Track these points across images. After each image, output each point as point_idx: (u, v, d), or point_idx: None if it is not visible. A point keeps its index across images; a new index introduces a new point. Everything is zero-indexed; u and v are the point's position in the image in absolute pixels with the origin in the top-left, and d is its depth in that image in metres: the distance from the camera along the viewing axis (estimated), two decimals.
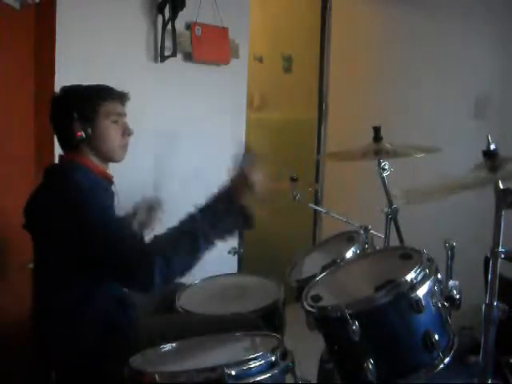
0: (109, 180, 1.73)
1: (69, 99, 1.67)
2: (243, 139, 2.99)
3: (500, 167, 1.33)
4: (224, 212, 1.54)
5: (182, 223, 1.53)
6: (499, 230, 1.26)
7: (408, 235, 2.12)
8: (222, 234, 1.55)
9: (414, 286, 1.39)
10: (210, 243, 1.51)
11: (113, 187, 1.73)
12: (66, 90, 1.70)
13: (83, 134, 1.64)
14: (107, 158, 1.72)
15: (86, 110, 1.65)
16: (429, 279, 1.42)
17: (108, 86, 1.71)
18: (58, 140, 1.72)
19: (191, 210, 1.56)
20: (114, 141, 1.69)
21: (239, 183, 1.56)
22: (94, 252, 1.49)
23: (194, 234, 1.48)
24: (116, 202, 1.67)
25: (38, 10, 2.22)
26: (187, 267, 1.51)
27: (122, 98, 1.72)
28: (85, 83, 1.71)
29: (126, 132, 1.72)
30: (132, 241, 1.49)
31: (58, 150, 1.77)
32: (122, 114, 1.73)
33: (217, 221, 1.53)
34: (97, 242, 1.48)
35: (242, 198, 1.55)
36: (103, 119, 1.67)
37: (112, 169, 1.78)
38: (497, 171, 1.32)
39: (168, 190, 2.54)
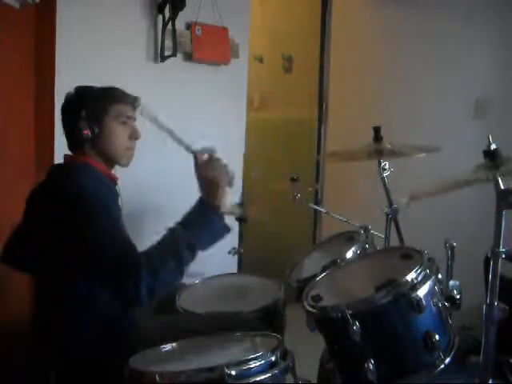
0: (113, 180, 1.72)
1: (80, 98, 1.67)
2: (243, 139, 2.99)
3: (501, 167, 1.33)
4: (203, 218, 1.55)
5: (165, 236, 1.52)
6: (500, 230, 1.26)
7: (408, 235, 2.12)
8: (206, 242, 1.55)
9: (414, 286, 1.39)
10: (194, 253, 1.51)
11: (117, 188, 1.72)
12: (79, 89, 1.70)
13: (89, 132, 1.64)
14: (112, 160, 1.71)
15: (95, 108, 1.64)
16: (429, 279, 1.42)
17: (121, 89, 1.71)
18: (67, 139, 1.71)
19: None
20: (119, 142, 1.69)
21: (205, 184, 1.58)
22: (88, 257, 1.47)
23: (177, 246, 1.48)
24: (120, 203, 1.67)
25: (38, 9, 2.22)
26: (173, 279, 1.51)
27: (134, 101, 1.72)
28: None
29: (134, 135, 1.71)
30: (124, 251, 1.46)
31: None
32: (132, 118, 1.72)
33: (198, 228, 1.53)
34: (92, 248, 1.46)
35: (214, 198, 1.56)
36: (112, 120, 1.67)
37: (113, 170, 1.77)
38: (497, 171, 1.32)
39: (166, 190, 2.55)
